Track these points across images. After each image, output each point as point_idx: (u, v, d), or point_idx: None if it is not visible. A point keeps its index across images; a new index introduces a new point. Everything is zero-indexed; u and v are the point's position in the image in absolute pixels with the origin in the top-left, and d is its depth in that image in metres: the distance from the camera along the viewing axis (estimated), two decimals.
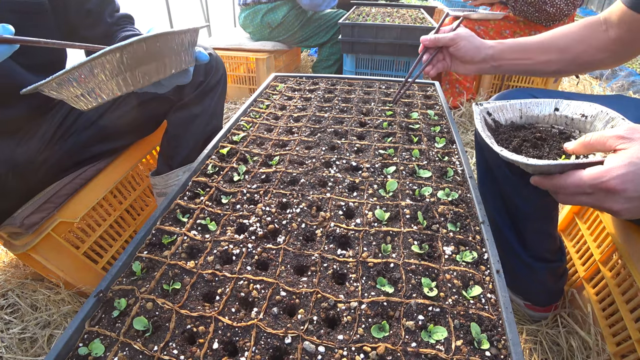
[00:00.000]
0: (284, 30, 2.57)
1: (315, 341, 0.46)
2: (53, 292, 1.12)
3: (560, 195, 0.58)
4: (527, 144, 0.69)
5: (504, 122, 0.79)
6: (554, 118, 0.77)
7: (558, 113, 0.76)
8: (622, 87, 2.83)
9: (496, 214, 0.94)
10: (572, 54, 0.83)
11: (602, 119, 0.68)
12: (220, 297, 0.52)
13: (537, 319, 1.07)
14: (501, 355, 0.45)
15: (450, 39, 0.86)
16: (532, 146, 0.68)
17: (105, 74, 0.50)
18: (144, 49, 0.51)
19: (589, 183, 0.52)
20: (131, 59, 0.51)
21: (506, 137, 0.73)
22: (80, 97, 0.52)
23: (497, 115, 0.79)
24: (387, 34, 2.10)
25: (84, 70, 0.49)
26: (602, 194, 0.52)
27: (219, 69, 1.17)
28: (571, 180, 0.54)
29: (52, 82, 0.48)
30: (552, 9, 1.98)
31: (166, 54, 0.56)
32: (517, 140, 0.70)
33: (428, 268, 0.56)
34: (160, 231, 0.64)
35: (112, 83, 0.52)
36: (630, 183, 0.49)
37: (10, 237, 0.93)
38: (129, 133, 1.18)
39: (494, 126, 0.78)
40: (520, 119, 0.79)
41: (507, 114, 0.79)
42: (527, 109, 0.79)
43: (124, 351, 0.46)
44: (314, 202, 0.70)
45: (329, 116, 1.01)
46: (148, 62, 0.54)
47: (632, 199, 0.50)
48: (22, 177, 0.94)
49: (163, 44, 0.54)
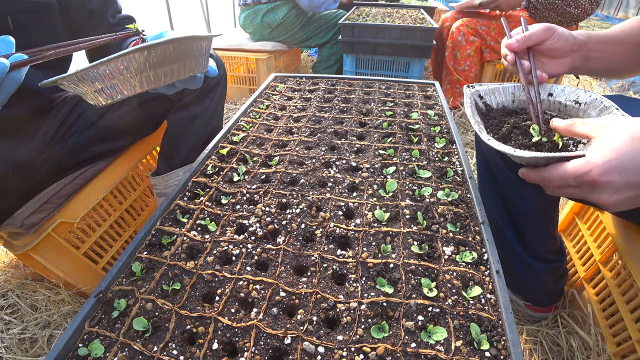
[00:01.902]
0: (284, 31, 2.57)
1: (314, 342, 0.46)
2: (53, 292, 1.12)
3: (548, 188, 0.57)
4: (517, 131, 0.66)
5: (496, 105, 0.76)
6: (547, 103, 0.74)
7: (552, 99, 0.73)
8: (622, 87, 2.83)
9: (496, 214, 0.94)
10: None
11: (596, 107, 0.66)
12: (220, 297, 0.52)
13: (537, 319, 1.07)
14: (501, 355, 0.45)
15: (546, 31, 0.71)
16: (522, 133, 0.66)
17: (130, 71, 0.52)
18: (170, 49, 0.54)
19: (572, 175, 0.50)
20: (157, 58, 0.53)
21: (496, 123, 0.70)
22: (101, 92, 0.54)
23: (488, 99, 0.76)
24: (387, 34, 2.10)
25: (110, 66, 0.50)
26: (588, 187, 0.50)
27: (219, 69, 1.17)
28: (556, 173, 0.53)
29: (74, 76, 0.50)
30: (577, 10, 1.92)
31: (188, 56, 0.59)
32: (507, 127, 0.67)
33: (428, 268, 0.56)
34: (160, 232, 0.64)
35: (135, 79, 0.54)
36: (614, 173, 0.47)
37: (10, 237, 0.93)
38: (130, 133, 1.18)
39: (485, 110, 0.75)
40: (512, 103, 0.76)
41: (499, 97, 0.76)
42: (520, 92, 0.76)
43: (124, 352, 0.46)
44: (314, 203, 0.70)
45: (328, 116, 1.01)
46: (171, 63, 0.56)
47: (619, 189, 0.48)
48: (22, 177, 0.95)
49: (186, 47, 0.57)
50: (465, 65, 2.30)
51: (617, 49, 0.76)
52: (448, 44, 2.33)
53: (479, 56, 2.28)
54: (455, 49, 2.29)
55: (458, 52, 2.29)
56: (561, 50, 0.73)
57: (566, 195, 0.57)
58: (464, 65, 2.30)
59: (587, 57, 0.75)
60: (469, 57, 2.27)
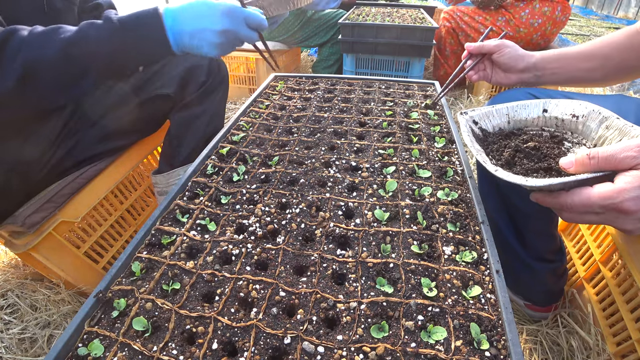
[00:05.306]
0: (284, 30, 2.57)
1: (314, 341, 0.46)
2: (53, 292, 1.12)
3: (565, 213, 0.54)
4: (520, 155, 0.65)
5: (492, 129, 0.74)
6: (543, 120, 0.72)
7: (547, 114, 0.72)
8: (622, 87, 2.83)
9: (496, 214, 0.94)
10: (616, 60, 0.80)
11: (595, 118, 0.64)
12: (219, 297, 0.52)
13: (537, 319, 1.07)
14: (501, 355, 0.45)
15: (496, 45, 0.86)
16: (525, 157, 0.64)
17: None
18: None
19: (599, 203, 0.48)
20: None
21: (496, 148, 0.68)
22: None
23: (483, 123, 0.74)
24: (387, 34, 2.10)
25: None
26: (613, 214, 0.49)
27: (221, 70, 1.18)
28: (579, 199, 0.49)
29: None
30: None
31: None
32: (509, 152, 0.65)
33: (427, 268, 0.56)
34: (159, 231, 0.64)
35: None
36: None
37: (11, 236, 0.93)
38: (131, 133, 1.19)
39: (482, 135, 0.73)
40: (508, 124, 0.75)
41: (493, 121, 0.75)
42: (515, 112, 0.74)
43: (124, 351, 0.46)
44: (314, 202, 0.70)
45: (328, 116, 1.01)
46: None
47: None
48: (24, 176, 0.95)
49: None
50: (447, 52, 2.56)
51: (580, 63, 0.83)
52: None
53: (455, 39, 2.52)
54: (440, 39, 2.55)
55: (441, 42, 2.54)
56: (510, 65, 0.86)
57: (584, 221, 0.53)
58: (447, 52, 2.56)
59: (538, 77, 0.87)
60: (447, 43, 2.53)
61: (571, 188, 0.51)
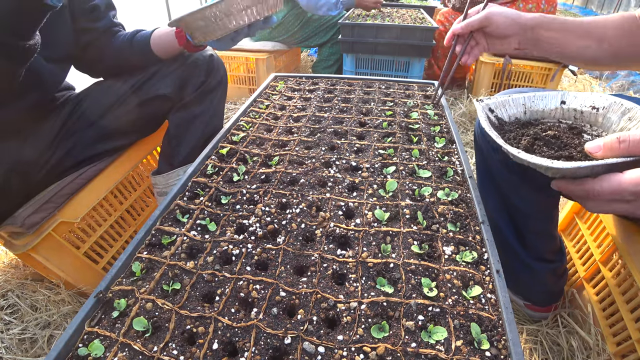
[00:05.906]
0: (284, 31, 2.57)
1: (315, 341, 0.46)
2: (53, 292, 1.12)
3: (590, 201, 0.50)
4: (539, 142, 0.62)
5: (507, 118, 0.73)
6: (561, 112, 0.71)
7: (565, 106, 0.70)
8: (622, 87, 2.83)
9: (496, 214, 0.94)
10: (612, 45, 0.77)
11: (617, 110, 0.62)
12: (219, 297, 0.52)
13: (537, 319, 1.07)
14: (501, 355, 0.45)
15: (484, 18, 0.80)
16: (545, 144, 0.62)
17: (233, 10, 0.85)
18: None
19: (631, 190, 0.44)
20: None
21: (514, 136, 0.67)
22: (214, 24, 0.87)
23: (499, 112, 0.73)
24: (387, 34, 2.10)
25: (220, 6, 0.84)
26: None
27: (220, 70, 1.18)
28: (608, 185, 0.46)
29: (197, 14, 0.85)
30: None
31: None
32: (528, 139, 0.63)
33: (428, 268, 0.56)
34: (159, 231, 0.64)
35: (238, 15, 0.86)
36: None
37: (11, 236, 0.93)
38: (130, 133, 1.19)
39: (498, 124, 0.71)
40: (524, 115, 0.73)
41: (510, 110, 0.73)
42: (532, 103, 0.73)
43: (124, 352, 0.46)
44: (314, 202, 0.70)
45: (328, 116, 1.01)
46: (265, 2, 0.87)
47: None
48: (23, 177, 0.95)
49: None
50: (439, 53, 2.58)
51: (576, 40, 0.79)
52: None
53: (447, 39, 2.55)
54: None
55: None
56: (502, 34, 0.82)
57: (611, 210, 0.50)
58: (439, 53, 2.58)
59: (535, 40, 0.82)
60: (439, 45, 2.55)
61: (598, 174, 0.48)
